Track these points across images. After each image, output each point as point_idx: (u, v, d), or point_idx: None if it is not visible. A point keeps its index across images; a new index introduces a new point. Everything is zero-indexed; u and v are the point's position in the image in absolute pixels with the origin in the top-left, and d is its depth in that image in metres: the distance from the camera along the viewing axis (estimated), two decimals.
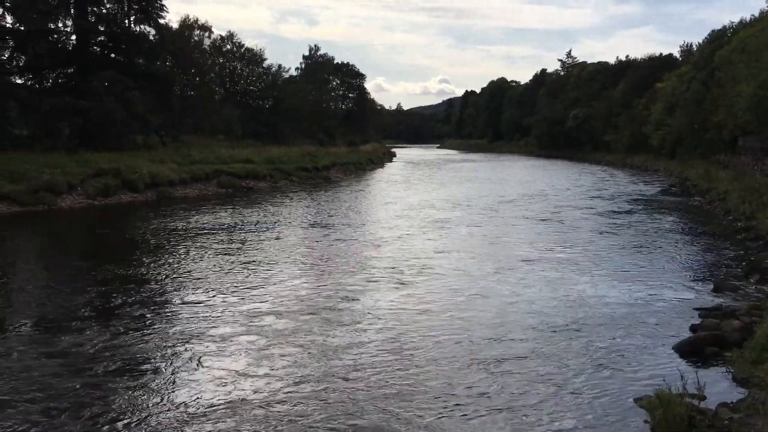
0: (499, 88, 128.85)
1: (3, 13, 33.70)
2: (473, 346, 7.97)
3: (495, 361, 7.47)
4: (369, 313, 9.36)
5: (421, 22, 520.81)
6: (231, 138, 51.52)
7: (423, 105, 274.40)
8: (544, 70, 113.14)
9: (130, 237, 16.98)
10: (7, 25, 34.08)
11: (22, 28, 33.68)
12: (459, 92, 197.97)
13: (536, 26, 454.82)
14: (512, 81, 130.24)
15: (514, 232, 17.55)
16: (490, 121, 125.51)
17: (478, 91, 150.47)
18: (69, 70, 36.53)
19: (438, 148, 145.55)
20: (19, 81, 35.81)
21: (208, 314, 9.31)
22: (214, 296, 10.37)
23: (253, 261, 13.32)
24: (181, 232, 17.36)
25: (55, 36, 35.90)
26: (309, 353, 7.68)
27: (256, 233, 17.26)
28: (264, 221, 19.47)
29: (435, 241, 15.83)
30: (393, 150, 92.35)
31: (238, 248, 14.89)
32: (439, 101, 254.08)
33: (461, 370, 7.21)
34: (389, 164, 64.74)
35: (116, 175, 26.08)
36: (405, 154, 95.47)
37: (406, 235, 16.87)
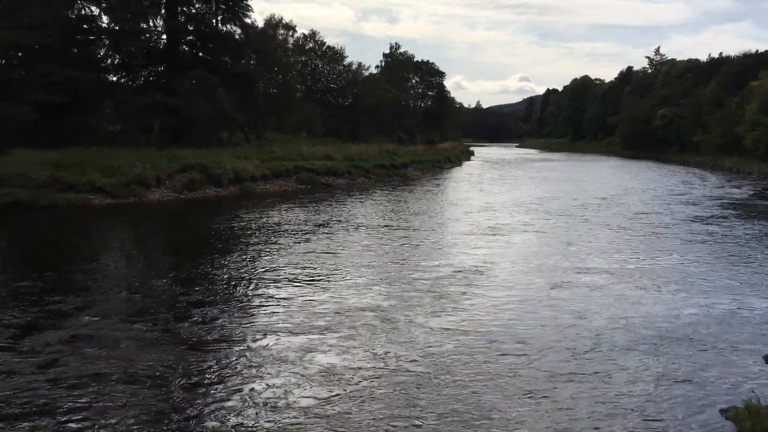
0: (582, 86, 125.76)
1: (99, 13, 35.43)
2: (545, 363, 7.45)
3: (569, 376, 7.06)
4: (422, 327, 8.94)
5: (502, 20, 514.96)
6: (312, 135, 52.34)
7: (502, 103, 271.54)
8: (630, 68, 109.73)
9: (214, 229, 17.49)
10: (103, 26, 35.79)
11: (117, 28, 35.28)
12: (540, 90, 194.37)
13: (622, 22, 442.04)
14: (596, 79, 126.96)
15: (590, 239, 16.33)
16: (571, 119, 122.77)
17: (559, 89, 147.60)
18: (159, 69, 37.98)
19: (517, 147, 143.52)
20: (113, 79, 37.56)
21: (285, 305, 9.48)
22: (293, 288, 10.58)
23: (326, 256, 13.48)
24: (261, 226, 17.77)
25: (147, 35, 37.39)
26: (370, 354, 7.72)
27: (329, 229, 17.46)
28: (337, 218, 19.61)
29: (503, 248, 14.76)
30: (471, 148, 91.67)
31: (313, 243, 15.11)
32: (519, 99, 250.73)
33: (533, 387, 6.78)
34: (467, 163, 64.29)
35: (202, 171, 26.97)
36: (483, 152, 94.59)
37: (474, 238, 16.20)
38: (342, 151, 40.25)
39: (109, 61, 37.22)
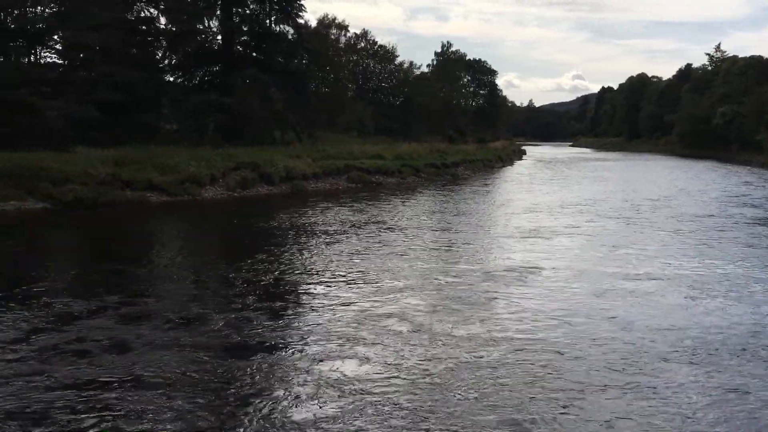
0: (639, 83, 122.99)
1: (157, 15, 36.39)
2: (582, 374, 7.01)
3: (609, 389, 6.67)
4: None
5: (555, 17, 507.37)
6: (363, 134, 52.63)
7: (555, 102, 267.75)
8: (689, 65, 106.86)
9: (264, 227, 17.76)
10: (161, 27, 36.74)
11: (174, 29, 36.17)
12: (594, 88, 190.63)
13: (680, 18, 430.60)
14: (653, 76, 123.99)
15: (640, 243, 15.39)
16: (627, 118, 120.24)
17: (615, 87, 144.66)
18: (214, 69, 38.81)
19: (570, 146, 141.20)
20: (170, 79, 38.54)
21: (325, 307, 9.57)
22: (333, 289, 10.63)
23: (365, 257, 13.54)
24: (309, 225, 17.98)
25: (203, 36, 38.24)
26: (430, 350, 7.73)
27: (372, 229, 17.53)
28: (382, 218, 19.62)
29: (545, 252, 13.99)
30: (523, 147, 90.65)
31: (356, 243, 15.20)
32: (573, 98, 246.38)
33: (569, 400, 6.39)
34: (518, 162, 63.63)
35: (254, 169, 27.41)
36: (535, 151, 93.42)
37: (515, 241, 15.63)
38: (392, 150, 40.35)
39: (166, 61, 38.21)
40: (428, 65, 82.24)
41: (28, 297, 9.77)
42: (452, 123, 73.24)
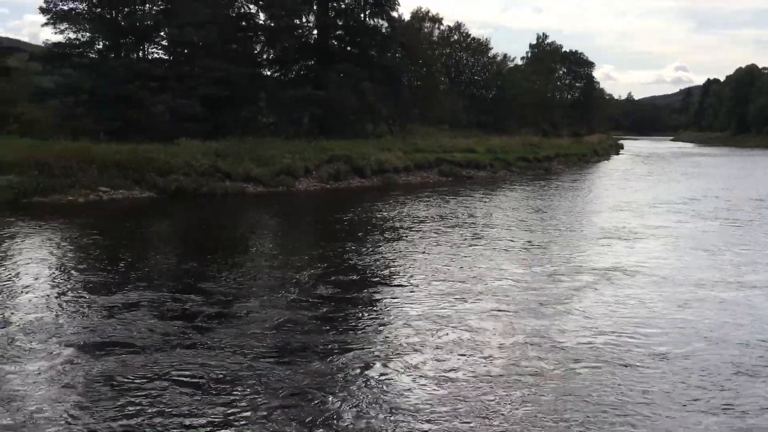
0: (748, 75, 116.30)
1: (257, 11, 37.56)
2: (662, 390, 6.56)
3: (698, 404, 6.32)
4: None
5: (655, 6, 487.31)
6: (455, 127, 52.43)
7: (656, 94, 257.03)
8: None
9: (355, 219, 18.06)
10: (260, 23, 37.87)
11: (272, 25, 37.23)
12: (698, 80, 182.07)
13: None
14: (763, 68, 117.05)
15: (738, 248, 14.18)
16: (734, 112, 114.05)
17: (721, 78, 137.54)
18: (310, 63, 39.66)
19: (671, 140, 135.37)
20: (267, 73, 39.69)
21: (429, 299, 9.67)
22: (438, 282, 10.67)
23: (459, 249, 13.55)
24: (401, 218, 18.14)
25: (300, 31, 39.14)
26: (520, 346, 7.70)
27: (464, 222, 17.50)
28: (470, 213, 19.48)
29: (629, 255, 13.14)
30: (621, 142, 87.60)
31: (447, 236, 15.23)
32: (675, 90, 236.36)
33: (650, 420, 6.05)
34: (615, 157, 61.62)
35: (347, 162, 27.87)
36: (634, 146, 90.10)
37: (600, 242, 14.85)
38: (484, 143, 40.00)
39: (264, 56, 39.36)
40: (522, 58, 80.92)
41: (136, 278, 10.39)
42: (546, 116, 71.80)
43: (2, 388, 6.21)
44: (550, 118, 73.03)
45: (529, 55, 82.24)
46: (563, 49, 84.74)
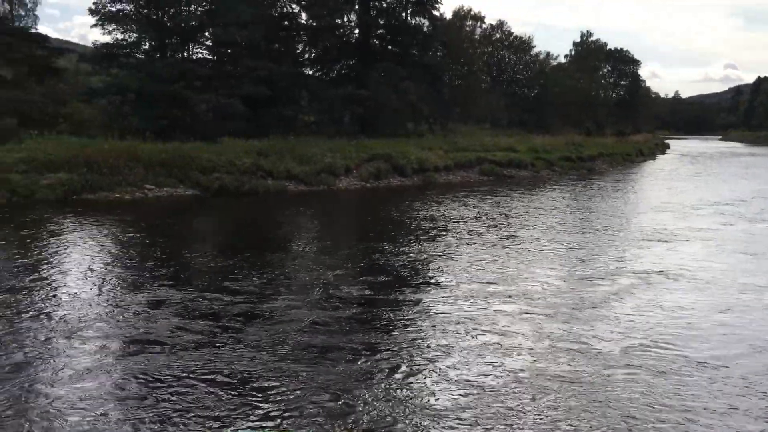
0: None
1: (299, 10, 37.90)
2: (700, 403, 6.32)
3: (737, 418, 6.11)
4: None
5: (703, 4, 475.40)
6: (496, 126, 52.10)
7: (704, 93, 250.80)
8: None
9: (397, 218, 18.12)
10: (302, 22, 38.20)
11: (314, 24, 37.53)
12: (749, 79, 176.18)
13: None
14: None
15: None
16: None
17: None
18: (351, 62, 39.85)
19: (720, 139, 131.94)
20: (309, 72, 40.03)
21: (470, 298, 9.68)
22: (470, 284, 10.67)
23: (499, 251, 13.48)
24: (440, 218, 18.11)
25: (341, 30, 39.36)
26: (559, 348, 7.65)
27: (502, 223, 17.40)
28: (508, 214, 19.36)
29: (669, 258, 12.87)
30: (666, 141, 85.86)
31: (484, 237, 15.17)
32: (724, 89, 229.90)
33: None
34: (661, 156, 60.42)
35: (387, 160, 27.94)
36: (680, 145, 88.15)
37: (639, 244, 14.52)
38: (526, 142, 39.68)
39: (306, 55, 39.71)
40: (566, 56, 79.86)
41: (173, 274, 10.63)
42: (590, 115, 70.79)
43: (38, 382, 6.44)
44: (594, 116, 71.96)
45: (573, 52, 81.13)
46: (608, 47, 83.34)
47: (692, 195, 25.44)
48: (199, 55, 35.34)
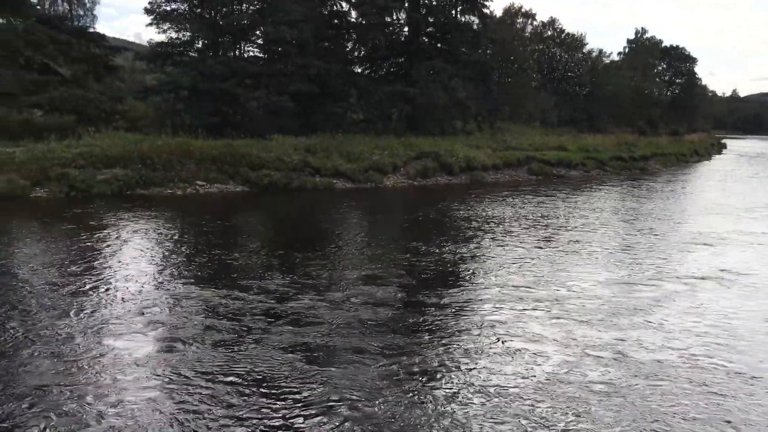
0: None
1: (348, 9, 38.09)
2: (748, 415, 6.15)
3: None
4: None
5: None
6: (546, 125, 51.47)
7: (764, 91, 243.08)
8: None
9: (439, 216, 18.06)
10: (351, 20, 38.39)
11: (363, 22, 37.66)
12: None
13: None
14: None
15: None
16: None
17: None
18: (400, 60, 39.85)
19: None
20: (358, 70, 40.21)
21: (516, 301, 9.60)
22: (513, 286, 10.56)
23: (540, 252, 13.31)
24: (487, 217, 17.99)
25: (390, 28, 39.39)
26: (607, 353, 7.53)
27: (549, 224, 17.16)
28: (556, 215, 19.04)
29: (715, 263, 12.44)
30: (723, 141, 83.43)
31: (531, 237, 14.99)
32: None
33: None
34: (717, 156, 58.72)
35: (435, 159, 27.90)
36: (737, 145, 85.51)
37: (693, 245, 14.17)
38: (576, 141, 39.12)
39: (355, 53, 39.89)
40: (619, 53, 78.43)
41: (215, 270, 10.84)
42: (643, 114, 69.33)
43: (86, 374, 6.64)
44: (648, 115, 70.45)
45: (626, 50, 79.58)
46: (663, 44, 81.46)
47: (747, 197, 24.68)
48: (250, 54, 35.83)
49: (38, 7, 36.54)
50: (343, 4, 37.94)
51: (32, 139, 22.43)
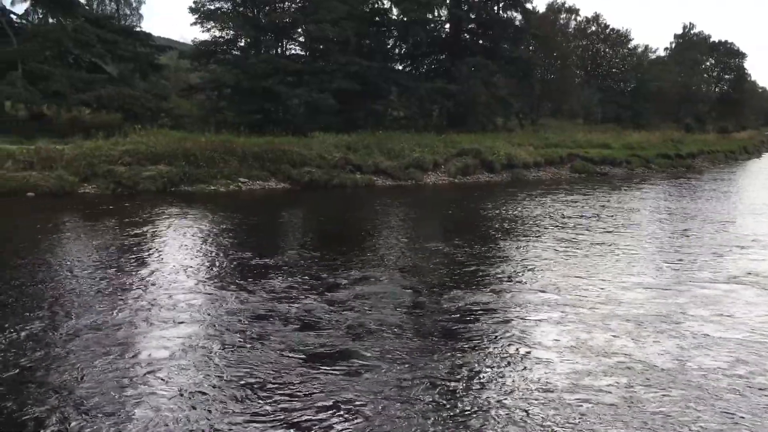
0: None
1: (390, 6, 38.14)
2: None
3: None
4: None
5: None
6: (589, 121, 50.74)
7: None
8: None
9: (478, 215, 17.92)
10: (393, 18, 38.40)
11: (405, 19, 37.65)
12: None
13: None
14: None
15: None
16: None
17: None
18: (441, 56, 39.77)
19: None
20: (399, 67, 40.21)
21: (552, 304, 9.50)
22: (538, 290, 10.31)
23: (576, 253, 13.11)
24: (528, 216, 17.75)
25: (432, 25, 39.29)
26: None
27: (587, 222, 16.88)
28: (596, 214, 18.54)
29: (755, 267, 11.70)
30: None
31: (566, 237, 14.77)
32: None
33: None
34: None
35: (476, 156, 27.72)
36: None
37: (742, 249, 13.39)
38: (620, 138, 38.44)
39: (396, 50, 39.90)
40: (666, 48, 76.85)
41: (255, 266, 10.94)
42: (690, 111, 67.82)
43: (127, 373, 6.77)
44: (695, 112, 68.89)
45: (673, 45, 77.92)
46: (711, 39, 79.55)
47: None
48: (292, 51, 36.17)
49: (86, 7, 37.44)
50: (385, 1, 38.01)
51: (80, 137, 23.01)
